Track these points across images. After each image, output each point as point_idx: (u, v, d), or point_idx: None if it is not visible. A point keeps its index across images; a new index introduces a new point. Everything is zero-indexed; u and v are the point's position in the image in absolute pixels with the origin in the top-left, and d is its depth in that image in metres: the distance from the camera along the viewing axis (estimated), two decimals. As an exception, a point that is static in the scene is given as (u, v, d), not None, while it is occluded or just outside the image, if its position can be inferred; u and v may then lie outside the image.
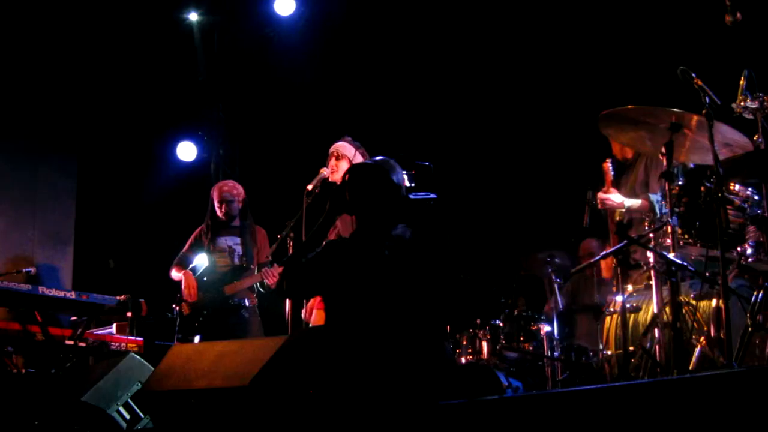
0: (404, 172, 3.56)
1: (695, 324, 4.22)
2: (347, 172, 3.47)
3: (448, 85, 7.78)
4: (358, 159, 5.31)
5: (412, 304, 3.23)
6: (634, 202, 4.96)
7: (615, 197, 4.99)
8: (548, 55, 7.27)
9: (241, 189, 6.50)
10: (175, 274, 6.32)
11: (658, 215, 4.71)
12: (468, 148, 7.67)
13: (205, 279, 6.20)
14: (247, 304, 6.21)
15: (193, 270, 6.22)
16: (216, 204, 6.36)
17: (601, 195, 5.02)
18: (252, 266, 6.26)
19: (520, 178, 7.47)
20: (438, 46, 7.77)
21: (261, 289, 6.12)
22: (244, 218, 6.42)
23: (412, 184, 4.98)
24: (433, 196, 3.33)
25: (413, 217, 3.30)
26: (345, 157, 5.35)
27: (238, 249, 6.30)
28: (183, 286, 6.19)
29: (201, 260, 6.24)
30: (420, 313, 3.24)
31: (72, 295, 5.91)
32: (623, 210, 4.99)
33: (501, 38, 7.44)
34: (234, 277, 6.18)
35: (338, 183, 4.35)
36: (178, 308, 6.19)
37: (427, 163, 5.03)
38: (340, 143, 5.43)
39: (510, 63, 7.46)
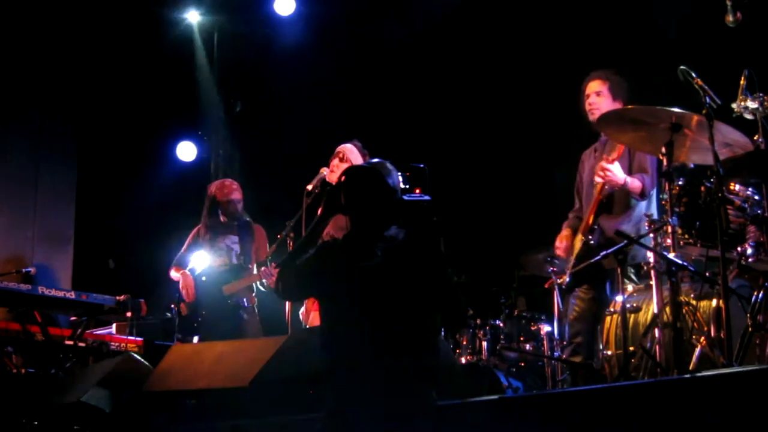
0: (399, 173, 3.57)
1: (695, 324, 4.21)
2: (343, 173, 3.47)
3: (447, 86, 7.78)
4: None
5: (404, 304, 3.23)
6: (634, 183, 4.86)
7: (618, 171, 4.82)
8: (547, 55, 7.27)
9: (239, 187, 6.51)
10: (174, 274, 6.32)
11: (652, 212, 4.71)
12: (467, 148, 7.68)
13: (203, 279, 6.20)
14: (245, 304, 6.20)
15: (192, 270, 6.22)
16: (221, 204, 6.35)
17: (603, 164, 4.84)
18: (250, 266, 6.25)
19: (519, 178, 7.48)
20: (437, 46, 7.77)
21: (262, 288, 6.11)
22: (242, 217, 6.42)
23: (407, 186, 4.98)
24: (427, 198, 3.32)
25: (407, 219, 3.30)
26: (349, 161, 5.31)
27: (236, 248, 6.29)
28: (180, 286, 6.19)
29: (199, 260, 6.24)
30: (413, 314, 3.24)
31: (72, 295, 5.91)
32: (616, 188, 4.88)
33: (499, 38, 7.44)
34: (232, 277, 6.17)
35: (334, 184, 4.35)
36: (176, 308, 6.19)
37: (422, 165, 5.04)
38: (348, 146, 5.38)
39: (509, 63, 7.46)
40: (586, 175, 5.26)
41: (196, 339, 6.13)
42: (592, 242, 4.86)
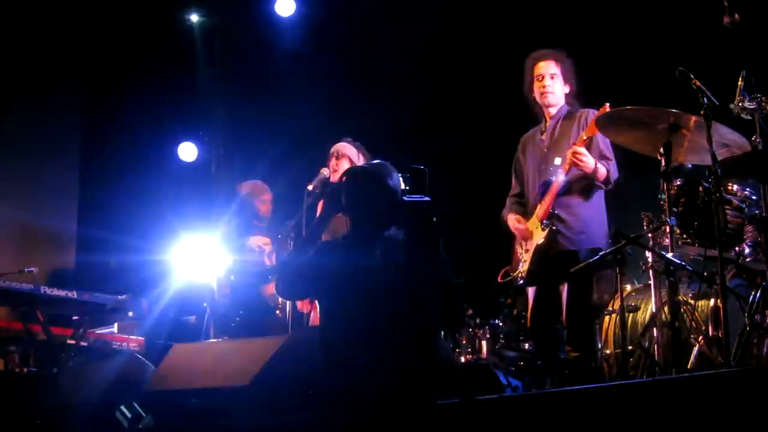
0: (399, 175, 3.58)
1: (693, 323, 4.24)
2: (344, 174, 3.49)
3: (447, 87, 7.79)
4: (361, 159, 5.36)
5: (403, 304, 3.25)
6: (601, 171, 4.82)
7: (589, 159, 4.77)
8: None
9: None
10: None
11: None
12: (468, 148, 7.68)
13: (232, 278, 6.18)
14: (280, 303, 6.19)
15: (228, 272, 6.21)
16: (257, 206, 6.38)
17: (577, 149, 4.75)
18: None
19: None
20: (438, 46, 7.78)
21: None
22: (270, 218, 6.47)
23: (407, 187, 5.00)
24: (427, 198, 3.34)
25: (406, 219, 3.32)
26: (346, 156, 5.38)
27: (267, 248, 6.30)
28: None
29: (228, 259, 6.22)
30: (412, 314, 3.26)
31: (74, 294, 5.92)
32: (587, 173, 4.83)
33: (499, 37, 7.44)
34: (267, 278, 6.16)
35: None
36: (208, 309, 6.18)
37: (422, 167, 5.05)
38: (340, 144, 5.47)
39: (508, 63, 7.46)
40: (530, 160, 5.20)
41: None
42: (555, 228, 4.82)
